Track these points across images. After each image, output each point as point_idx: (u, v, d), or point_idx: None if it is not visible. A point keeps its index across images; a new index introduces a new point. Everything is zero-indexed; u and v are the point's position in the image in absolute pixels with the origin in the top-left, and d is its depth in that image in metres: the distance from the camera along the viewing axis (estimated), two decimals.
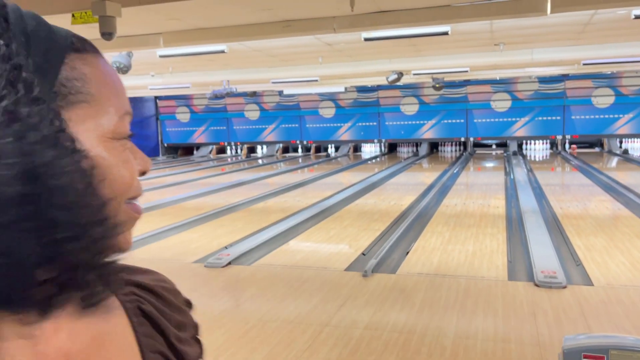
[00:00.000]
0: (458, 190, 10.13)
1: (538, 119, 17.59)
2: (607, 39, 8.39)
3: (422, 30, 6.67)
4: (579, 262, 4.98)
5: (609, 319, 3.65)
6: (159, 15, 5.71)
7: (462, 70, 11.39)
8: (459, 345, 3.29)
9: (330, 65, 10.12)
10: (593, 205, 8.08)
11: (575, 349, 1.92)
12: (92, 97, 0.49)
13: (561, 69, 13.11)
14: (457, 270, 4.88)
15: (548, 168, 14.24)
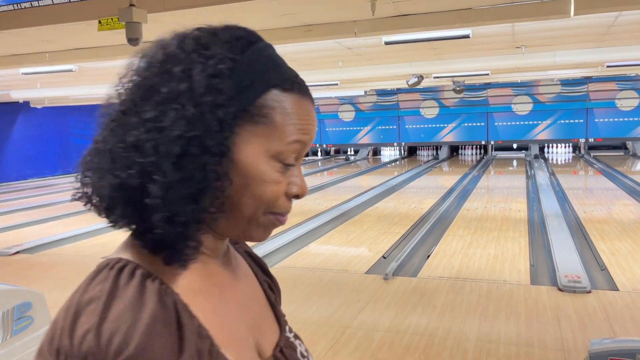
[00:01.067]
0: (479, 194, 10.06)
1: (560, 122, 17.37)
2: (632, 41, 8.26)
3: (442, 34, 6.65)
4: (604, 267, 4.91)
5: (635, 324, 3.60)
6: (180, 20, 5.81)
7: (482, 73, 11.31)
8: (481, 349, 3.28)
9: (351, 69, 10.14)
10: (617, 209, 7.95)
11: (602, 352, 1.91)
12: (273, 123, 0.63)
13: (584, 71, 12.93)
14: (478, 274, 4.86)
15: (571, 171, 14.05)
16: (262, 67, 0.64)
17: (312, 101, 0.68)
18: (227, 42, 0.64)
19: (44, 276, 5.23)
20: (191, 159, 0.58)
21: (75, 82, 11.58)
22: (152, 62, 0.62)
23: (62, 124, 17.56)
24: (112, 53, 7.00)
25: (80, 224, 7.73)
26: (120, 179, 0.58)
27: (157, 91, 0.59)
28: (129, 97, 0.62)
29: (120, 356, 0.53)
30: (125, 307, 0.55)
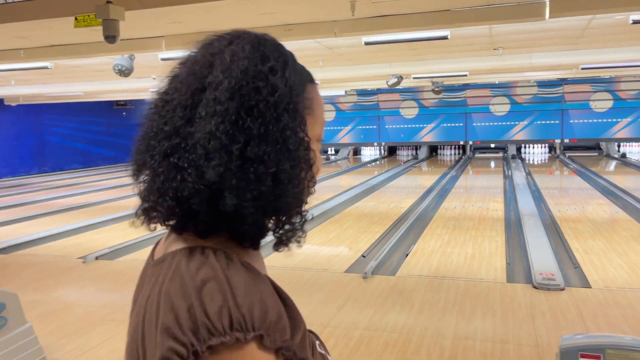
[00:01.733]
0: (457, 194, 10.18)
1: (537, 123, 17.66)
2: (605, 44, 8.45)
3: (421, 35, 6.72)
4: (577, 265, 5.02)
5: (607, 321, 3.69)
6: (161, 18, 5.76)
7: (461, 74, 11.44)
8: (457, 346, 3.32)
9: (331, 69, 10.17)
10: (591, 209, 8.13)
11: (572, 348, 1.96)
12: (314, 112, 0.76)
13: (559, 73, 13.17)
14: (456, 272, 4.92)
15: (546, 171, 14.30)
16: (295, 66, 0.76)
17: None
18: (272, 45, 0.75)
19: (17, 276, 5.14)
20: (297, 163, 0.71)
21: (51, 80, 11.39)
22: (234, 81, 0.69)
23: (37, 122, 17.24)
24: (89, 50, 6.91)
25: (55, 224, 7.61)
26: (257, 190, 0.66)
27: (256, 106, 0.67)
28: (228, 115, 0.68)
29: (264, 323, 0.62)
30: (247, 282, 0.64)
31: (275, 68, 0.70)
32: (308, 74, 0.78)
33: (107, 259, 5.76)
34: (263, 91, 0.67)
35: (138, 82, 11.65)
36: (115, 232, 7.07)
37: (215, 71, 0.69)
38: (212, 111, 0.66)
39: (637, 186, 10.12)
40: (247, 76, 0.68)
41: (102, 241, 6.50)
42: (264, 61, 0.70)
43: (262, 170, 0.65)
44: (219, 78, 0.68)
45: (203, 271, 0.63)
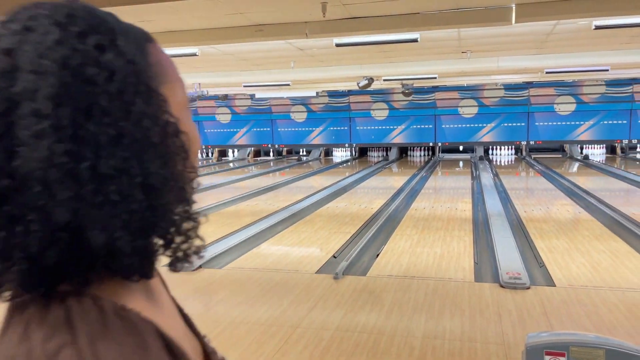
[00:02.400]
0: (426, 194, 10.31)
1: (503, 125, 18.03)
2: (569, 49, 8.70)
3: (392, 37, 6.79)
4: (542, 264, 5.15)
5: (570, 318, 3.80)
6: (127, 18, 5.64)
7: (430, 76, 11.61)
8: (427, 345, 3.37)
9: (302, 70, 10.18)
10: (555, 209, 8.34)
11: (537, 346, 2.01)
12: (167, 76, 0.58)
13: (525, 76, 13.50)
14: (425, 272, 4.98)
15: (513, 173, 14.62)
16: (126, 26, 0.58)
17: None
18: (85, 13, 0.54)
19: None
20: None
21: None
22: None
23: None
24: None
25: None
26: (127, 211, 0.52)
27: (95, 103, 0.52)
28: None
29: None
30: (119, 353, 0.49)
31: (102, 43, 0.52)
32: (142, 34, 0.59)
33: None
34: (98, 79, 0.50)
35: None
36: None
37: (21, 76, 0.48)
38: (38, 131, 0.47)
39: (598, 187, 10.44)
40: (70, 67, 0.49)
41: None
42: (84, 38, 0.51)
43: (125, 184, 0.50)
44: (31, 84, 0.48)
45: (54, 341, 0.48)
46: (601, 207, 8.03)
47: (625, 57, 8.93)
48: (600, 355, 1.94)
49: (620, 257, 5.35)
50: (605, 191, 9.82)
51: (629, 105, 16.94)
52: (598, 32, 6.83)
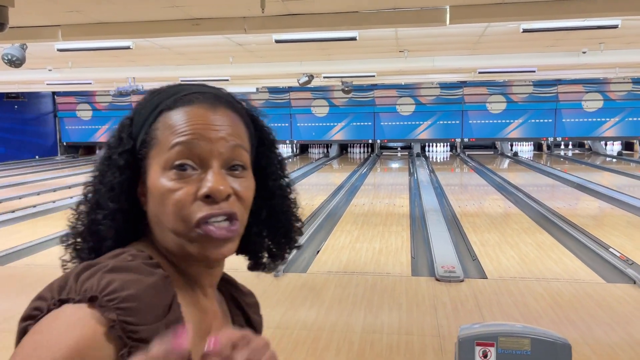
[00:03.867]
0: (366, 190, 10.48)
1: (439, 123, 18.60)
2: (499, 50, 9.08)
3: (331, 35, 6.83)
4: (475, 257, 5.36)
5: (501, 309, 3.98)
6: (57, 6, 5.38)
7: (369, 74, 11.78)
8: (365, 340, 3.43)
9: (241, 66, 10.05)
10: (487, 204, 8.71)
11: (469, 337, 2.09)
12: (158, 139, 0.72)
13: (460, 76, 13.98)
14: (364, 267, 5.07)
15: (448, 169, 15.12)
16: (152, 103, 0.75)
17: (205, 106, 0.72)
18: (135, 105, 0.78)
19: None
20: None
21: None
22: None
23: None
24: None
25: None
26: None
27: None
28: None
29: (111, 295, 0.60)
30: (130, 270, 0.64)
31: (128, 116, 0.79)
32: (166, 103, 0.74)
33: None
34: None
35: (31, 73, 10.82)
36: (6, 235, 6.52)
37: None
38: None
39: (527, 182, 10.99)
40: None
41: None
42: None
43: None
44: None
45: (105, 260, 0.66)
46: (529, 201, 8.47)
47: (550, 59, 9.43)
48: (526, 344, 2.04)
49: (545, 249, 5.66)
50: (533, 186, 10.36)
51: (554, 105, 17.91)
52: (525, 35, 7.18)
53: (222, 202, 0.69)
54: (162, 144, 0.71)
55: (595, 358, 3.12)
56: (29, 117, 18.92)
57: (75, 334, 0.57)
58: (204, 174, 0.69)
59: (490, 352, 2.04)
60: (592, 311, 3.89)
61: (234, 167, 0.71)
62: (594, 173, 12.62)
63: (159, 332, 0.59)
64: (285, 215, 0.83)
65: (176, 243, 0.70)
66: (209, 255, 0.70)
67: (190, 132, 0.70)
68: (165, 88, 0.76)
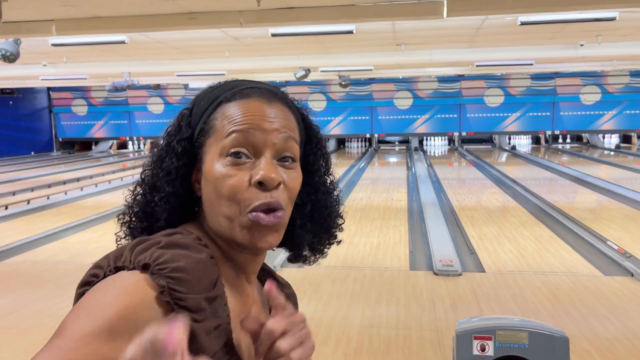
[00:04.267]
0: (364, 185, 10.47)
1: (437, 117, 18.58)
2: (497, 43, 9.05)
3: (328, 28, 6.79)
4: (473, 251, 5.35)
5: (499, 302, 3.97)
6: (50, 1, 5.33)
7: (366, 68, 11.74)
8: (364, 335, 3.41)
9: (238, 60, 10.00)
10: (485, 198, 8.70)
11: (466, 331, 2.07)
12: (215, 128, 0.77)
13: (457, 69, 13.94)
14: (362, 262, 5.05)
15: (446, 163, 15.11)
16: (211, 95, 0.80)
17: (262, 99, 0.77)
18: (195, 97, 0.84)
19: None
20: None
21: None
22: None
23: None
24: None
25: None
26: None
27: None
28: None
29: (162, 265, 0.65)
30: (181, 248, 0.68)
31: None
32: (225, 96, 0.79)
33: None
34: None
35: (26, 68, 10.76)
36: (2, 232, 6.49)
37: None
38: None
39: (525, 176, 10.99)
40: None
41: None
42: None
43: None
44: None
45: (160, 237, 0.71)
46: (527, 195, 8.46)
47: (548, 52, 9.41)
48: (524, 337, 2.02)
49: (543, 242, 5.65)
50: (531, 180, 10.35)
51: (552, 98, 17.90)
52: (523, 28, 7.14)
53: (272, 189, 0.73)
54: (219, 133, 0.76)
55: (593, 351, 3.12)
56: (24, 113, 18.83)
57: (128, 294, 0.63)
58: (256, 162, 0.74)
59: (488, 346, 2.03)
60: (590, 304, 3.89)
61: (284, 159, 0.76)
62: (591, 166, 12.62)
63: (202, 304, 0.66)
64: (328, 211, 0.87)
65: (227, 228, 0.75)
66: (256, 243, 0.74)
67: (247, 122, 0.74)
68: (224, 83, 0.82)
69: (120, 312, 0.61)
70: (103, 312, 0.61)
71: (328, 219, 0.88)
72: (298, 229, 0.86)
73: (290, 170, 0.76)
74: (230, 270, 0.78)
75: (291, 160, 0.77)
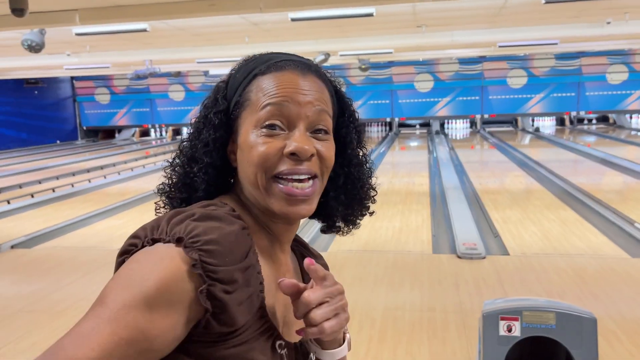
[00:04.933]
0: (385, 169, 10.43)
1: (458, 99, 18.34)
2: (520, 22, 8.86)
3: (347, 11, 6.73)
4: (497, 234, 5.31)
5: (523, 285, 3.95)
6: None
7: (386, 51, 11.62)
8: (388, 317, 3.44)
9: (257, 46, 9.99)
10: (508, 180, 8.60)
11: (493, 312, 2.07)
12: (251, 101, 0.78)
13: (479, 50, 13.70)
14: (385, 245, 5.06)
15: (468, 146, 14.94)
16: (246, 68, 0.81)
17: (296, 72, 0.78)
18: (230, 70, 0.85)
19: None
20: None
21: None
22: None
23: None
24: None
25: None
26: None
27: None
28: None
29: (195, 238, 0.67)
30: (214, 220, 0.71)
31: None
32: (260, 69, 0.80)
33: (24, 248, 5.43)
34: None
35: (50, 58, 10.92)
36: (31, 219, 6.66)
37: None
38: None
39: (549, 158, 10.81)
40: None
41: (18, 229, 6.11)
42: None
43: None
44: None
45: (198, 209, 0.73)
46: (551, 177, 8.34)
47: (573, 31, 9.18)
48: (551, 318, 2.02)
49: (569, 225, 5.58)
50: (555, 162, 10.18)
51: (577, 78, 17.51)
52: (548, 7, 6.98)
53: (305, 161, 0.75)
54: (254, 105, 0.77)
55: (620, 333, 3.09)
56: (48, 102, 19.16)
57: (163, 267, 0.65)
58: (290, 134, 0.75)
59: (514, 327, 2.03)
60: (617, 286, 3.84)
61: (318, 131, 0.77)
62: (618, 147, 12.36)
63: (235, 275, 0.68)
64: (361, 183, 0.89)
65: (260, 197, 0.77)
66: (288, 213, 0.76)
67: (281, 95, 0.76)
68: (258, 55, 0.84)
69: (157, 285, 0.64)
70: (141, 284, 0.64)
71: (361, 190, 0.89)
72: (331, 200, 0.87)
73: (323, 141, 0.77)
74: (265, 239, 0.80)
75: (324, 132, 0.78)
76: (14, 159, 14.40)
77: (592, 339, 1.96)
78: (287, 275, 0.83)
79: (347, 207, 0.88)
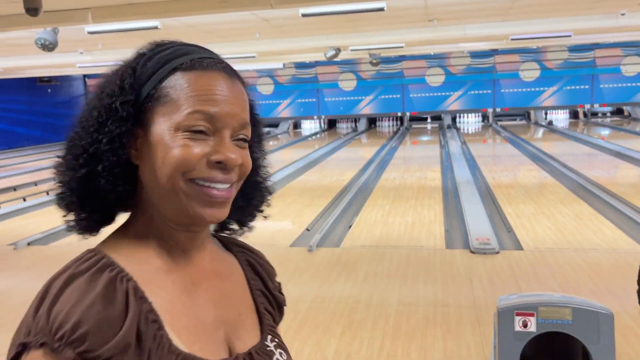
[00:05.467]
0: (396, 164, 10.40)
1: (470, 93, 18.21)
2: (533, 15, 8.77)
3: (358, 6, 6.71)
4: (510, 229, 5.29)
5: (538, 280, 3.93)
6: None
7: (397, 45, 11.56)
8: (402, 312, 3.44)
9: (268, 42, 10.00)
10: (522, 174, 8.54)
11: (509, 307, 2.07)
12: (171, 99, 0.71)
13: (491, 44, 13.59)
14: (397, 241, 5.06)
15: (480, 140, 14.85)
16: (160, 57, 0.74)
17: (223, 75, 0.73)
18: (136, 55, 0.77)
19: None
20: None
21: None
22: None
23: None
24: (8, 24, 6.45)
25: None
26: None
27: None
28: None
29: (60, 331, 0.61)
30: (74, 290, 0.64)
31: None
32: (182, 64, 0.73)
33: (41, 244, 5.51)
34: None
35: (63, 57, 11.01)
36: (47, 216, 6.74)
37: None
38: None
39: (562, 152, 10.72)
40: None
41: (34, 226, 6.19)
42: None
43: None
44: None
45: (61, 277, 0.68)
46: (565, 171, 8.26)
47: (587, 23, 9.06)
48: (567, 313, 2.01)
49: (583, 219, 5.53)
50: (569, 155, 10.10)
51: (591, 70, 17.30)
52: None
53: (229, 169, 0.72)
54: (174, 103, 0.70)
55: (637, 328, 3.07)
56: (62, 100, 19.34)
57: None
58: (215, 141, 0.71)
59: (530, 322, 2.02)
60: (633, 281, 3.80)
61: (239, 139, 0.74)
62: (634, 140, 12.20)
63: (122, 344, 0.63)
64: (258, 186, 0.87)
65: (166, 198, 0.71)
66: (205, 216, 0.71)
67: (211, 102, 0.71)
68: (170, 44, 0.76)
69: None
70: None
71: (258, 194, 0.88)
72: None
73: (244, 150, 0.74)
74: (162, 255, 0.75)
75: (244, 140, 0.75)
76: (29, 156, 14.58)
77: (609, 334, 1.95)
78: (202, 282, 0.77)
79: (243, 210, 0.86)
